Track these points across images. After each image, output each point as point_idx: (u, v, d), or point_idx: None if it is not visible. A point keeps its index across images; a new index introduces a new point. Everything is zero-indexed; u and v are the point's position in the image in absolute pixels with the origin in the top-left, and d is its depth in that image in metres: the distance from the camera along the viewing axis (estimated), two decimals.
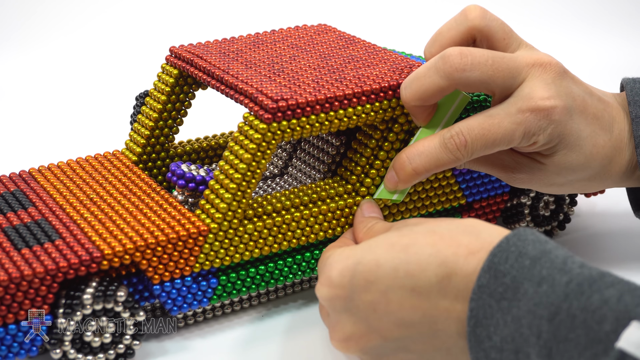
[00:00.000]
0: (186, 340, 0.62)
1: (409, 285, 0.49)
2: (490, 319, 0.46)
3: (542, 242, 0.48)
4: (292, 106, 0.59)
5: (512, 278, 0.46)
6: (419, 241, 0.50)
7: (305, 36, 0.73)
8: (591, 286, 0.44)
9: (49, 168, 0.68)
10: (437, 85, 0.59)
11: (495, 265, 0.47)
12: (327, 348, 0.61)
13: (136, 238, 0.57)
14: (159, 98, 0.71)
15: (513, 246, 0.47)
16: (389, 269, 0.50)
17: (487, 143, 0.59)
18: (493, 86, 0.59)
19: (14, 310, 0.54)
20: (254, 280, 0.62)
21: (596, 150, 0.62)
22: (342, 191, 0.64)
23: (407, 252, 0.50)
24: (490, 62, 0.58)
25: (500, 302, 0.46)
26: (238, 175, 0.59)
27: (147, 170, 0.71)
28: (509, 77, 0.59)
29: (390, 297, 0.50)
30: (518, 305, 0.46)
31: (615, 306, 0.42)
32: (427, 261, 0.49)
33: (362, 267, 0.51)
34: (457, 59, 0.58)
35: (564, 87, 0.60)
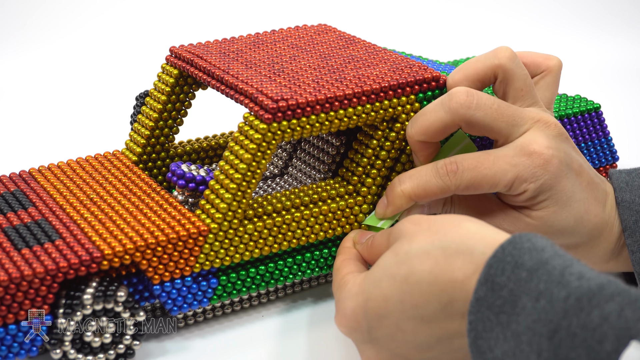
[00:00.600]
0: (186, 340, 0.62)
1: (418, 315, 0.50)
2: (490, 332, 0.46)
3: (539, 250, 0.47)
4: (292, 106, 0.59)
5: (510, 291, 0.46)
6: (416, 269, 0.50)
7: (305, 36, 0.73)
8: (590, 301, 0.43)
9: (49, 168, 0.68)
10: (442, 120, 0.60)
11: (491, 277, 0.47)
12: (327, 347, 0.61)
13: (136, 238, 0.57)
14: (159, 98, 0.71)
15: (509, 256, 0.47)
16: (396, 302, 0.51)
17: (478, 177, 0.59)
18: (496, 130, 0.60)
19: (14, 310, 0.54)
20: (254, 280, 0.62)
21: (587, 217, 0.61)
22: (343, 192, 0.64)
23: (408, 283, 0.51)
24: (496, 107, 0.60)
25: (499, 316, 0.46)
26: (238, 175, 0.59)
27: (147, 170, 0.71)
28: (512, 124, 0.60)
29: (404, 328, 0.51)
30: (517, 320, 0.45)
31: (616, 323, 0.41)
32: (429, 290, 0.50)
33: (372, 304, 0.52)
34: (463, 96, 0.59)
35: (563, 147, 0.61)
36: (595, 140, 0.77)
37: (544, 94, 0.67)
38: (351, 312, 0.53)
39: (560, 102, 0.76)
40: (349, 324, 0.54)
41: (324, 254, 0.64)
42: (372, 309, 0.52)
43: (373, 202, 0.65)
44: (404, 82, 0.63)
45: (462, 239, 0.50)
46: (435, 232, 0.52)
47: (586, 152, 0.76)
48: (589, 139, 0.76)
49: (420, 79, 0.64)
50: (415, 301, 0.50)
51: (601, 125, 0.77)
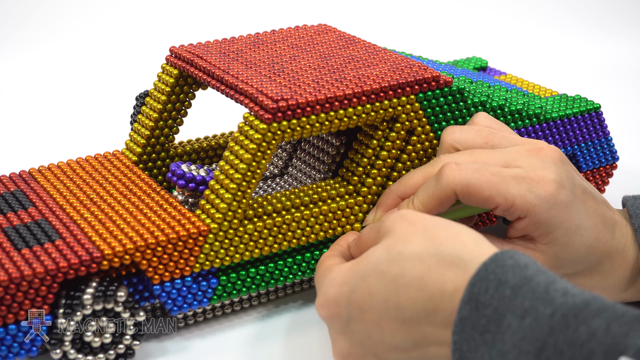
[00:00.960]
0: (186, 340, 0.62)
1: (400, 317, 0.50)
2: (475, 352, 0.46)
3: (522, 267, 0.46)
4: (292, 106, 0.59)
5: (494, 310, 0.45)
6: (408, 272, 0.50)
7: (305, 36, 0.73)
8: (576, 317, 0.42)
9: (49, 168, 0.68)
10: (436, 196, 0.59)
11: (475, 296, 0.46)
12: (327, 348, 0.61)
13: (136, 238, 0.57)
14: (159, 98, 0.71)
15: (492, 274, 0.46)
16: (381, 300, 0.51)
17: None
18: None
19: (14, 310, 0.54)
20: (254, 280, 0.62)
21: (597, 245, 0.59)
22: (343, 192, 0.64)
23: (396, 284, 0.50)
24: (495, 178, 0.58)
25: (483, 335, 0.46)
26: (238, 175, 0.59)
27: (147, 170, 0.71)
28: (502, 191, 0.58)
29: (383, 326, 0.51)
30: (502, 339, 0.45)
31: (603, 339, 0.41)
32: (416, 295, 0.49)
33: (356, 296, 0.52)
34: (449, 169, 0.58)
35: (566, 173, 0.59)
36: (595, 140, 0.76)
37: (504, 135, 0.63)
38: (334, 298, 0.53)
39: (560, 102, 0.76)
40: (330, 309, 0.53)
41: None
42: (355, 300, 0.52)
43: (373, 202, 0.65)
44: (404, 82, 0.63)
45: (457, 251, 0.49)
46: (431, 238, 0.51)
47: (586, 152, 0.76)
48: (589, 139, 0.76)
49: (420, 79, 0.64)
50: (400, 303, 0.50)
51: (601, 125, 0.77)
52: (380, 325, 0.51)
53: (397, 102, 0.63)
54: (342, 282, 0.53)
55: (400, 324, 0.50)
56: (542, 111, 0.72)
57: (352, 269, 0.53)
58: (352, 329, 0.52)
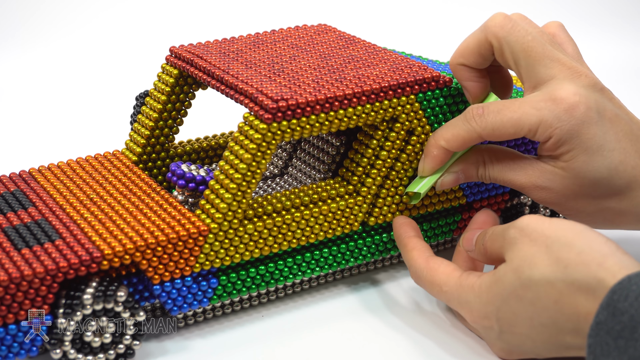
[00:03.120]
0: (186, 340, 0.62)
1: (547, 332, 0.54)
2: (607, 356, 0.48)
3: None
4: (292, 106, 0.59)
5: (630, 317, 0.47)
6: (542, 297, 0.53)
7: (305, 36, 0.73)
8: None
9: (49, 168, 0.68)
10: (477, 39, 0.63)
11: (614, 303, 0.48)
12: (327, 348, 0.61)
13: (136, 238, 0.57)
14: (159, 98, 0.71)
15: (634, 285, 0.48)
16: (526, 319, 0.54)
17: (502, 120, 0.60)
18: (522, 64, 0.61)
19: (14, 310, 0.54)
20: (254, 280, 0.62)
21: (623, 169, 0.60)
22: (343, 192, 0.64)
23: (535, 307, 0.54)
24: (529, 39, 0.61)
25: (617, 341, 0.48)
26: (238, 175, 0.59)
27: (147, 170, 0.71)
28: (538, 64, 0.61)
29: (534, 338, 0.55)
30: (635, 346, 0.47)
31: None
32: (556, 317, 0.53)
33: (502, 315, 0.55)
34: (500, 17, 0.62)
35: (594, 96, 0.60)
36: None
37: (565, 49, 0.65)
38: (485, 315, 0.57)
39: None
40: (484, 323, 0.57)
41: (324, 254, 0.64)
42: (502, 319, 0.56)
43: (373, 202, 0.65)
44: (404, 82, 0.63)
45: (582, 275, 0.51)
46: (556, 261, 0.53)
47: None
48: None
49: (420, 79, 0.64)
50: (543, 322, 0.53)
51: None
52: (531, 337, 0.55)
53: (397, 102, 0.63)
54: (487, 302, 0.56)
55: (548, 337, 0.54)
56: None
57: (490, 290, 0.56)
58: (506, 339, 0.57)
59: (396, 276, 0.69)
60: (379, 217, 0.66)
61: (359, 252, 0.66)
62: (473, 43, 0.63)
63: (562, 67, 0.60)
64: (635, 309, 0.47)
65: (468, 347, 0.60)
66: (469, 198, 0.70)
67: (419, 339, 0.61)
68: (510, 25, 0.61)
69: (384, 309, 0.65)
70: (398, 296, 0.67)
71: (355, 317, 0.64)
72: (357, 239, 0.66)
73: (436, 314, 0.64)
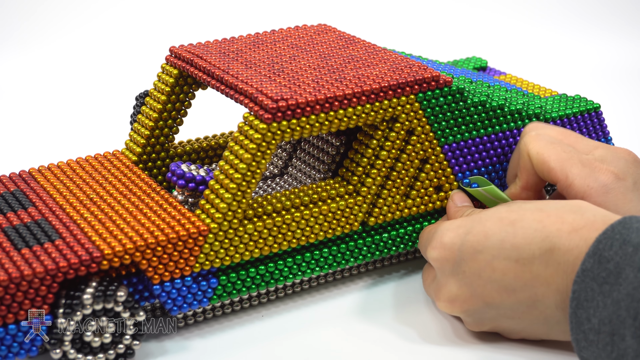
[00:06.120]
0: (186, 340, 0.62)
1: (514, 256, 0.54)
2: (591, 301, 0.50)
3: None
4: (292, 106, 0.59)
5: (615, 264, 0.49)
6: (527, 217, 0.55)
7: (305, 36, 0.73)
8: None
9: (49, 168, 0.68)
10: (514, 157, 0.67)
11: (600, 252, 0.50)
12: (327, 348, 0.61)
13: (136, 238, 0.57)
14: (159, 98, 0.71)
15: (618, 234, 0.50)
16: (497, 240, 0.55)
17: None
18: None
19: (14, 310, 0.54)
20: (254, 280, 0.62)
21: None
22: (343, 192, 0.64)
23: (514, 226, 0.54)
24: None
25: (602, 286, 0.49)
26: (238, 175, 0.59)
27: (147, 170, 0.71)
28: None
29: (495, 266, 0.55)
30: (618, 289, 0.48)
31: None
32: (533, 235, 0.54)
33: (471, 237, 0.56)
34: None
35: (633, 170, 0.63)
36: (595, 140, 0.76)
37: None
38: (449, 240, 0.57)
39: (560, 102, 0.76)
40: (444, 252, 0.57)
41: (324, 254, 0.64)
42: (469, 241, 0.56)
43: (373, 202, 0.65)
44: (404, 82, 0.63)
45: (576, 204, 0.55)
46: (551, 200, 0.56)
47: None
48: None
49: (420, 79, 0.64)
50: (517, 243, 0.54)
51: (601, 125, 0.77)
52: (492, 265, 0.55)
53: (397, 102, 0.63)
54: (458, 226, 0.57)
55: (513, 264, 0.54)
56: (542, 111, 0.72)
57: (468, 216, 0.58)
58: (463, 269, 0.56)
59: (396, 276, 0.69)
60: (379, 217, 0.66)
61: (359, 252, 0.66)
62: (514, 161, 0.66)
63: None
64: (620, 257, 0.49)
65: (468, 348, 0.60)
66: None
67: (419, 339, 0.61)
68: (542, 144, 0.63)
69: (384, 309, 0.65)
70: (398, 296, 0.67)
71: (356, 317, 0.64)
72: (357, 239, 0.66)
73: (436, 314, 0.64)
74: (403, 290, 0.67)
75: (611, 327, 0.49)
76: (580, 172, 0.61)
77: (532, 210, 0.55)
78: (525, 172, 0.64)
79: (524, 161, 0.64)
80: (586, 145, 0.64)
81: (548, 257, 0.53)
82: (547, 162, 0.62)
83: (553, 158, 0.62)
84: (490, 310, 0.57)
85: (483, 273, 0.56)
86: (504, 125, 0.69)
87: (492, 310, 0.57)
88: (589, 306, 0.50)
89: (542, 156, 0.62)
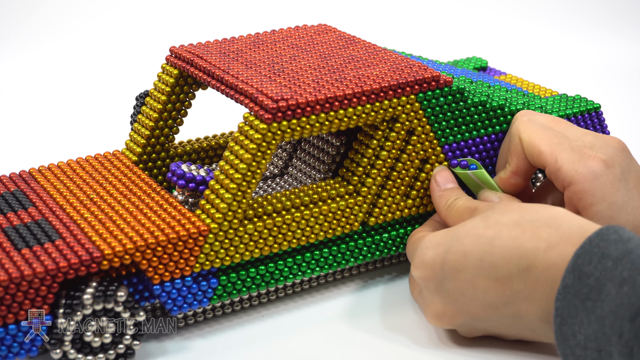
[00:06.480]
0: (186, 340, 0.62)
1: (493, 275, 0.54)
2: (575, 317, 0.49)
3: (625, 240, 0.50)
4: (292, 106, 0.59)
5: (596, 280, 0.49)
6: (503, 234, 0.54)
7: (305, 36, 0.73)
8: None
9: (49, 168, 0.68)
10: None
11: (579, 267, 0.50)
12: (327, 348, 0.61)
13: (136, 238, 0.57)
14: (159, 98, 0.71)
15: (596, 247, 0.50)
16: (475, 259, 0.55)
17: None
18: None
19: (14, 310, 0.54)
20: (254, 280, 0.62)
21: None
22: (343, 192, 0.64)
23: (492, 245, 0.54)
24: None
25: (584, 302, 0.49)
26: (238, 175, 0.59)
27: (147, 170, 0.71)
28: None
29: (476, 285, 0.55)
30: (601, 306, 0.48)
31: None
32: (510, 254, 0.54)
33: (451, 256, 0.56)
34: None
35: (622, 158, 0.63)
36: None
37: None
38: (430, 260, 0.57)
39: (560, 102, 0.76)
40: (426, 271, 0.57)
41: (324, 254, 0.64)
42: (450, 261, 0.56)
43: (373, 202, 0.65)
44: (404, 82, 0.63)
45: (551, 216, 0.54)
46: (528, 208, 0.56)
47: None
48: None
49: (420, 79, 0.64)
50: (495, 262, 0.54)
51: (601, 125, 0.77)
52: (473, 284, 0.55)
53: (397, 102, 0.63)
54: (437, 244, 0.57)
55: (493, 282, 0.54)
56: (542, 111, 0.72)
57: (447, 233, 0.57)
58: (447, 287, 0.56)
59: (396, 276, 0.69)
60: (379, 217, 0.66)
61: (359, 252, 0.66)
62: (505, 146, 0.67)
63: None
64: (600, 271, 0.49)
65: (469, 348, 0.60)
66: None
67: (419, 340, 0.61)
68: (534, 128, 0.64)
69: (384, 309, 0.65)
70: (398, 296, 0.67)
71: (356, 317, 0.64)
72: (357, 239, 0.66)
73: None
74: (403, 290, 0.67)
75: (597, 343, 0.48)
76: (570, 157, 0.61)
77: (508, 226, 0.55)
78: (515, 157, 0.64)
79: (515, 145, 0.64)
80: (576, 132, 0.64)
81: (526, 275, 0.53)
82: (537, 146, 0.62)
83: (544, 142, 0.62)
84: (479, 323, 0.57)
85: (465, 291, 0.56)
86: (504, 125, 0.69)
87: (480, 323, 0.57)
88: (573, 322, 0.50)
89: (533, 140, 0.63)
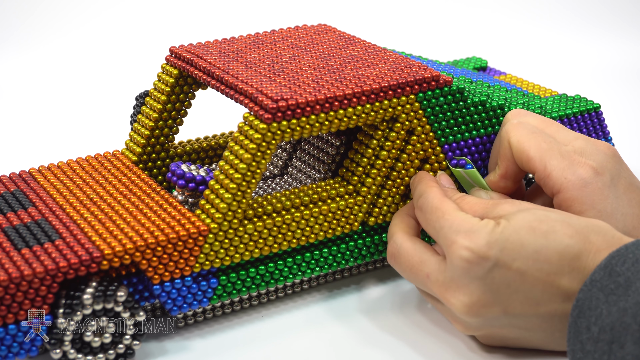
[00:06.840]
0: (186, 340, 0.62)
1: (546, 269, 0.54)
2: (594, 309, 0.50)
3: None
4: (292, 106, 0.59)
5: (626, 279, 0.50)
6: (557, 229, 0.54)
7: (305, 36, 0.73)
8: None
9: (49, 168, 0.68)
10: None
11: (612, 266, 0.51)
12: (327, 348, 0.61)
13: (136, 238, 0.57)
14: (159, 98, 0.71)
15: (631, 253, 0.51)
16: (532, 251, 0.54)
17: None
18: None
19: (14, 310, 0.54)
20: (254, 280, 0.62)
21: (636, 234, 0.61)
22: (343, 192, 0.64)
23: (547, 239, 0.54)
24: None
25: (608, 296, 0.50)
26: (238, 175, 0.59)
27: (147, 170, 0.71)
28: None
29: (526, 277, 0.54)
30: (626, 299, 0.49)
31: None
32: (565, 251, 0.54)
33: (509, 245, 0.54)
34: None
35: (612, 164, 0.62)
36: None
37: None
38: (485, 244, 0.55)
39: (560, 102, 0.76)
40: (476, 256, 0.55)
41: (324, 254, 0.64)
42: (507, 249, 0.54)
43: (373, 202, 0.65)
44: (404, 82, 0.63)
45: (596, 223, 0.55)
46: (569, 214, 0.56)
47: None
48: None
49: (420, 78, 0.64)
50: (549, 256, 0.54)
51: (601, 125, 0.77)
52: (524, 276, 0.54)
53: (397, 102, 0.63)
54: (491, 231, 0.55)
55: (545, 276, 0.54)
56: (542, 111, 0.72)
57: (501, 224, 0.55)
58: (494, 275, 0.55)
59: (397, 276, 0.69)
60: (379, 217, 0.66)
61: (359, 252, 0.66)
62: (495, 149, 0.66)
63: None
64: (632, 272, 0.50)
65: (469, 348, 0.60)
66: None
67: (419, 340, 0.61)
68: (523, 133, 0.63)
69: (384, 310, 0.65)
70: (398, 297, 0.67)
71: (356, 317, 0.64)
72: (357, 239, 0.66)
73: (437, 314, 0.64)
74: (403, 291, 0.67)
75: (612, 334, 0.48)
76: (559, 164, 0.61)
77: (561, 223, 0.55)
78: (504, 160, 0.64)
79: (504, 149, 0.64)
80: (566, 135, 0.64)
81: (575, 275, 0.53)
82: (526, 152, 0.62)
83: (533, 148, 0.62)
84: (505, 319, 0.56)
85: (512, 283, 0.54)
86: None
87: (506, 319, 0.56)
88: (591, 314, 0.50)
89: (522, 145, 0.62)
